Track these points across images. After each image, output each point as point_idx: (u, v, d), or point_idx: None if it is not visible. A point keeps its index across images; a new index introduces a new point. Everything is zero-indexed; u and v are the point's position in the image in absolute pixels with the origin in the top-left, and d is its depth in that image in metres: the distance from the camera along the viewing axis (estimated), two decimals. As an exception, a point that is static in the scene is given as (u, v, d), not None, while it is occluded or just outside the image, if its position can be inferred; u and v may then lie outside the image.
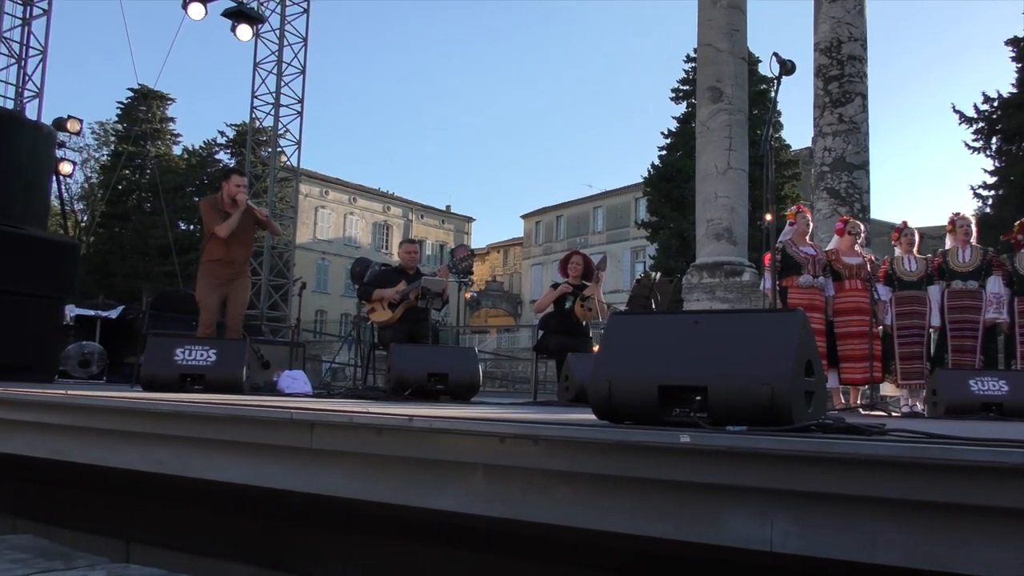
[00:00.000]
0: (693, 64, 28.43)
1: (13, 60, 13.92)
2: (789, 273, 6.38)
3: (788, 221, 6.65)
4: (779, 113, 28.85)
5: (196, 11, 15.32)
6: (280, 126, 18.03)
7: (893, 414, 5.84)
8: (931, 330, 6.66)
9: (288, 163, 18.84)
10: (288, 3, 18.22)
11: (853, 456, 1.84)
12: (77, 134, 13.16)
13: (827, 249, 6.80)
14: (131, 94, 35.23)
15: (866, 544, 1.84)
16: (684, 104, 30.51)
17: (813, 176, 11.48)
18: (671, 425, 2.25)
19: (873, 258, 6.80)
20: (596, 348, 6.09)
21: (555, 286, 6.79)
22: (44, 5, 14.35)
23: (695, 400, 2.27)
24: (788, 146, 29.70)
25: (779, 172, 26.87)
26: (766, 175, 4.32)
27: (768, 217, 4.60)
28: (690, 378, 2.29)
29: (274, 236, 11.96)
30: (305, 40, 18.28)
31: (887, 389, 7.34)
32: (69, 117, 12.38)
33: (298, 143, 18.24)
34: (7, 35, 13.89)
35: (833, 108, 11.07)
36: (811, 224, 6.82)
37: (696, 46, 13.40)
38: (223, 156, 36.58)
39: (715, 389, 2.24)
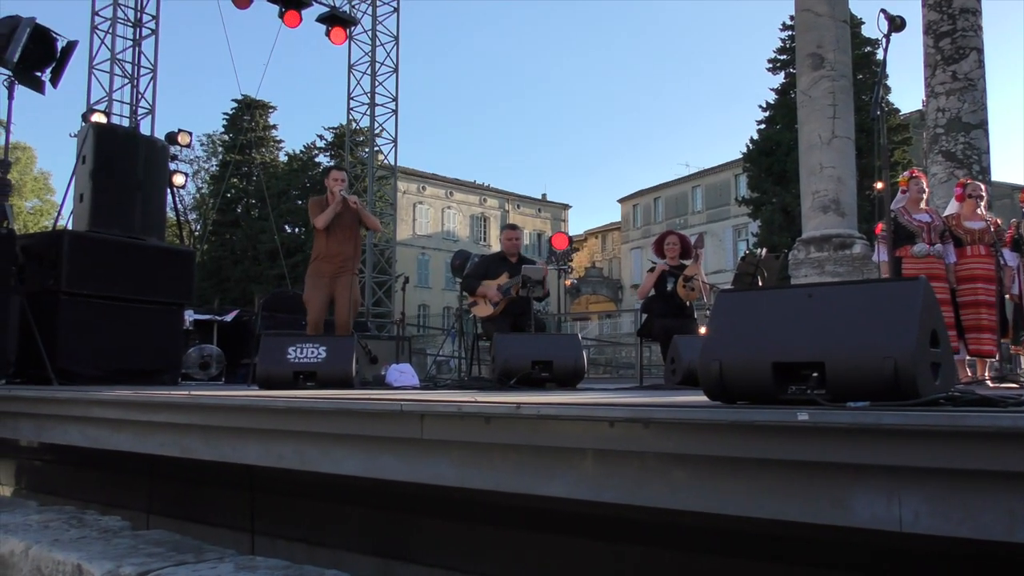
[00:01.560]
0: (790, 31, 27.45)
1: (127, 80, 14.70)
2: (902, 243, 6.06)
3: (900, 188, 6.32)
4: (887, 75, 27.51)
5: (292, 19, 15.79)
6: (376, 125, 18.44)
7: (1027, 385, 5.48)
8: None
9: (385, 161, 19.22)
10: (379, 3, 18.55)
11: (989, 429, 1.73)
12: (187, 146, 13.76)
13: (946, 214, 6.44)
14: (235, 105, 36.79)
15: (1005, 522, 1.73)
16: (782, 74, 29.55)
17: (926, 140, 10.91)
18: (787, 403, 2.19)
19: (999, 222, 6.39)
20: (702, 329, 6.11)
21: (652, 270, 6.67)
22: (152, 25, 15.10)
23: (812, 377, 2.20)
24: (897, 110, 28.36)
25: (888, 138, 25.52)
26: (877, 140, 4.11)
27: (879, 185, 4.38)
28: (806, 354, 2.22)
29: (374, 232, 12.16)
30: (396, 38, 18.60)
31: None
32: (180, 131, 12.96)
33: (394, 141, 18.63)
34: (120, 56, 14.67)
35: (946, 66, 10.47)
36: (926, 190, 6.45)
37: (793, 12, 12.91)
38: (323, 159, 37.67)
39: (833, 364, 2.16)
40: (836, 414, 1.93)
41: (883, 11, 4.05)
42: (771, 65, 30.13)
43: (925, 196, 6.39)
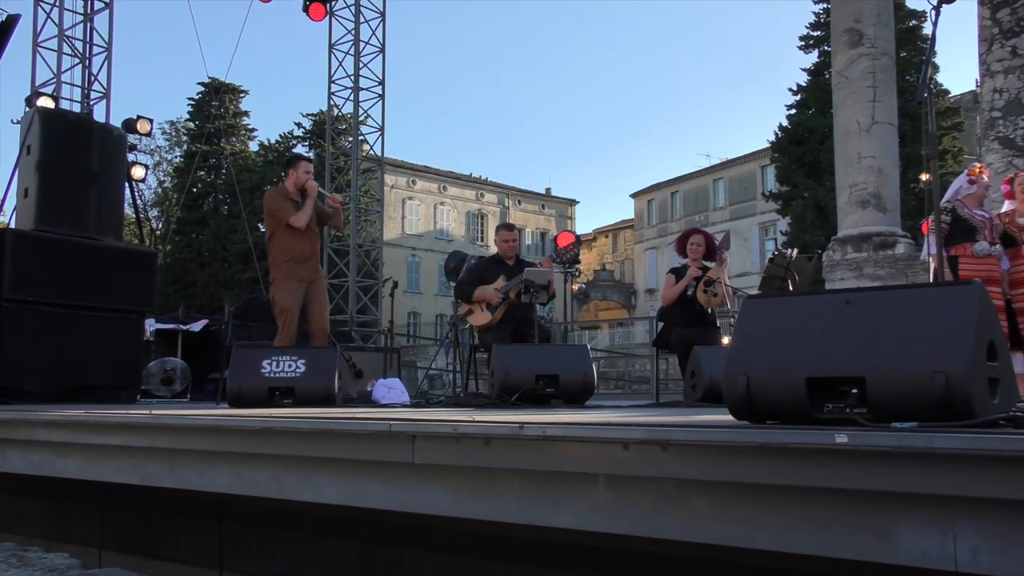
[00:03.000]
0: (825, 4, 27.53)
1: (77, 60, 14.66)
2: (960, 240, 5.99)
3: (968, 178, 6.26)
4: (935, 53, 27.54)
5: (264, -8, 15.82)
6: (360, 112, 18.43)
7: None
8: None
9: (371, 152, 19.22)
10: (363, -26, 18.57)
11: (1055, 453, 1.72)
12: (148, 135, 13.78)
13: (1000, 212, 6.42)
14: (201, 89, 36.89)
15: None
16: (815, 53, 29.59)
17: (980, 125, 10.90)
18: (824, 423, 2.19)
19: None
20: (726, 339, 6.11)
21: (676, 271, 6.67)
22: (106, -1, 15.06)
23: (851, 393, 2.19)
24: (946, 91, 28.38)
25: (937, 123, 25.53)
26: (924, 126, 4.10)
27: (926, 177, 4.37)
28: (844, 367, 2.22)
29: (336, 229, 12.15)
30: (383, 15, 18.62)
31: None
32: (139, 118, 12.98)
33: (381, 129, 18.62)
34: (68, 33, 14.58)
35: (1004, 40, 10.45)
36: (988, 187, 6.42)
37: (827, -17, 12.94)
38: (301, 149, 37.74)
39: (875, 379, 2.15)
40: (879, 436, 1.93)
41: (931, -20, 4.04)
42: (803, 42, 30.17)
43: (986, 195, 6.36)
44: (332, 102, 18.79)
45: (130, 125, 12.79)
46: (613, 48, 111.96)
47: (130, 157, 12.11)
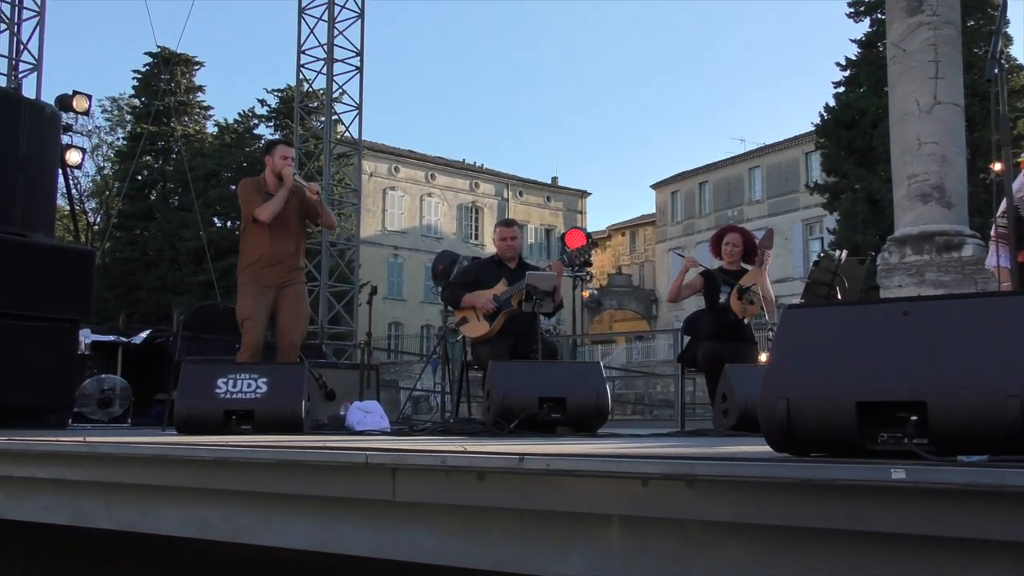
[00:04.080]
0: (879, -35, 27.57)
1: (4, 26, 14.68)
2: None
3: None
4: (1007, 22, 27.57)
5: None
6: (335, 87, 18.46)
7: None
8: None
9: (347, 134, 19.27)
10: (337, -73, 18.59)
11: None
12: (85, 114, 13.77)
13: None
14: (149, 60, 36.97)
15: None
16: (867, 21, 29.66)
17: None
18: (878, 456, 2.19)
19: None
20: (763, 356, 6.09)
21: (706, 275, 6.64)
22: (37, -45, 15.08)
23: (910, 421, 2.20)
24: (1020, 67, 28.40)
25: (1010, 103, 25.53)
26: (995, 107, 4.10)
27: (998, 167, 4.37)
28: (902, 391, 2.23)
29: (329, 228, 12.14)
30: (361, -27, 18.66)
31: None
32: (75, 93, 12.96)
33: (358, 108, 18.68)
34: (-7, -7, 14.62)
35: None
36: None
37: (882, -60, 12.97)
38: (265, 130, 37.87)
39: (938, 405, 2.16)
40: (943, 471, 1.92)
41: (1003, -63, 4.04)
42: (852, 10, 30.23)
43: None
44: (302, 75, 18.85)
45: (65, 102, 12.77)
46: (630, 15, 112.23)
47: (64, 139, 12.09)
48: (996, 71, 4.21)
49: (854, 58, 29.68)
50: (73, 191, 13.70)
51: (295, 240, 6.45)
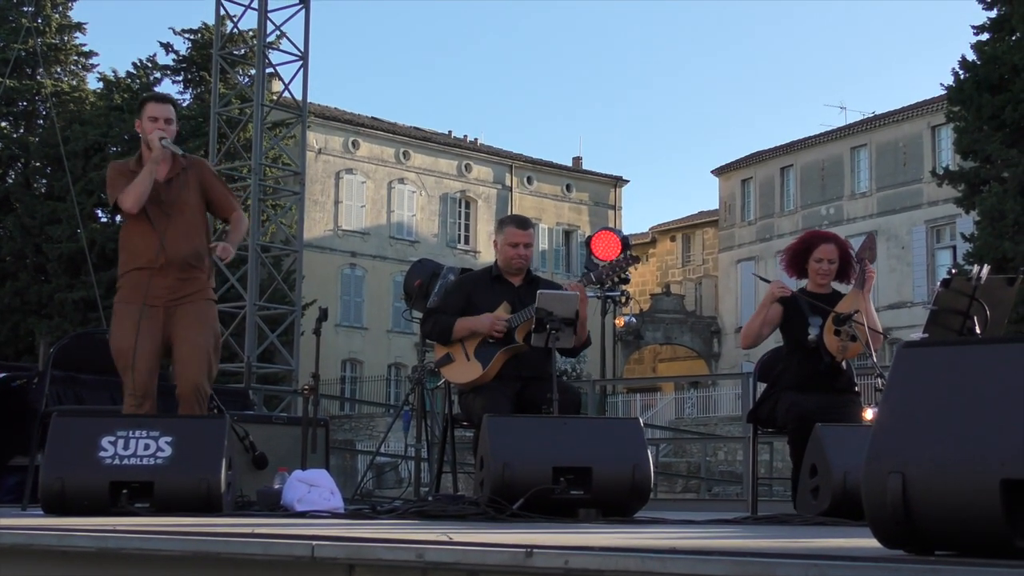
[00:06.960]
0: None
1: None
2: None
3: None
4: None
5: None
6: (269, 27, 16.62)
7: None
8: None
9: (286, 95, 17.57)
10: None
11: None
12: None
13: None
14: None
15: None
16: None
17: None
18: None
19: None
20: (868, 413, 5.60)
21: (785, 302, 5.80)
22: None
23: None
24: None
25: None
26: None
27: None
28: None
29: (225, 220, 10.43)
30: None
31: None
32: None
33: (303, 57, 16.71)
34: None
35: None
36: None
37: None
38: (170, 87, 31.78)
39: None
40: None
41: None
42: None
43: None
44: (223, 11, 16.86)
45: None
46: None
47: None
48: None
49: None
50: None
51: (195, 236, 5.48)
